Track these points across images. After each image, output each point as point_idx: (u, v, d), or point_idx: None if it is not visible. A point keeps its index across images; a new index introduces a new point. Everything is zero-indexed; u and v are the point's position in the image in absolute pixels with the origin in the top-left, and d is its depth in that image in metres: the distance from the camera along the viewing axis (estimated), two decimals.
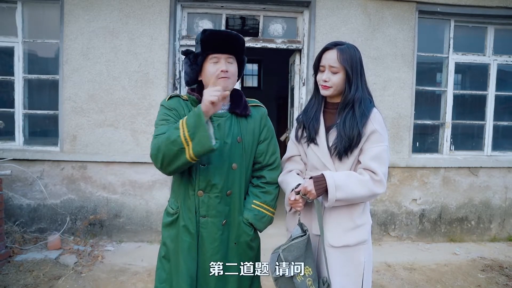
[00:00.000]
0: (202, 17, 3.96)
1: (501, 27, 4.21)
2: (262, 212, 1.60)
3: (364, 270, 1.53)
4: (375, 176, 1.45)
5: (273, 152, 1.65)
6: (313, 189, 1.43)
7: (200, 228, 1.50)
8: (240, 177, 1.56)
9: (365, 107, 1.50)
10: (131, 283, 2.88)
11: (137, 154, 3.71)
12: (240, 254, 1.57)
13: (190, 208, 1.51)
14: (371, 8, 3.85)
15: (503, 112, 4.35)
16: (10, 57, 3.79)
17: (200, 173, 1.48)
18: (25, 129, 3.86)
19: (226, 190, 1.51)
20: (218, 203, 1.50)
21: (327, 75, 1.52)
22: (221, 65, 1.47)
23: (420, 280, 3.12)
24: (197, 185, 1.49)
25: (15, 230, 3.53)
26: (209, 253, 1.50)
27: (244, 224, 1.57)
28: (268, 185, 1.63)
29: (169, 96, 1.59)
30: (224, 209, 1.52)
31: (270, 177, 1.63)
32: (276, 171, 1.65)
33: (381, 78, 3.89)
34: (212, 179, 1.48)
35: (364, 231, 1.54)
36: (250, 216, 1.57)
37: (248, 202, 1.59)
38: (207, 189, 1.49)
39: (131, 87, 3.70)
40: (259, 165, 1.64)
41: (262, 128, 1.62)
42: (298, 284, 1.42)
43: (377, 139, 1.48)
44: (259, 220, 1.59)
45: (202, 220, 1.50)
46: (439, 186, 4.03)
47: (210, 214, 1.50)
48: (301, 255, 1.44)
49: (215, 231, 1.50)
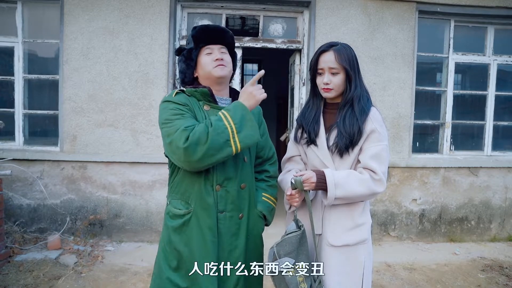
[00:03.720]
0: (202, 17, 3.96)
1: (501, 27, 4.21)
2: (271, 204, 1.65)
3: (364, 269, 1.52)
4: (375, 175, 1.45)
5: (270, 146, 1.70)
6: (314, 177, 1.43)
7: (219, 224, 1.46)
8: (251, 170, 1.59)
9: (364, 104, 1.51)
10: (131, 283, 2.88)
11: (137, 154, 3.71)
12: (252, 249, 1.56)
13: (209, 204, 1.45)
14: (371, 8, 3.85)
15: (503, 112, 4.35)
16: (10, 57, 3.79)
17: (217, 167, 1.45)
18: (25, 129, 3.86)
19: (241, 183, 1.51)
20: (236, 197, 1.49)
21: (328, 77, 1.51)
22: (215, 54, 1.50)
23: (420, 280, 3.12)
24: (215, 180, 1.46)
25: (15, 230, 3.53)
26: (227, 250, 1.48)
27: (258, 216, 1.59)
28: (271, 179, 1.68)
29: (174, 92, 1.53)
30: (241, 202, 1.52)
31: (273, 170, 1.70)
32: (275, 165, 1.72)
33: (381, 78, 3.89)
34: (228, 173, 1.47)
35: (364, 230, 1.53)
36: (264, 208, 1.60)
37: (258, 195, 1.62)
38: (224, 183, 1.47)
39: (131, 87, 3.70)
40: (260, 160, 1.67)
41: (260, 124, 1.63)
42: (289, 279, 1.41)
43: (376, 138, 1.48)
44: (270, 212, 1.64)
45: (220, 215, 1.47)
46: (439, 186, 4.03)
47: (228, 209, 1.48)
48: (293, 250, 1.43)
49: (232, 226, 1.49)
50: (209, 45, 1.51)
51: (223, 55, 1.51)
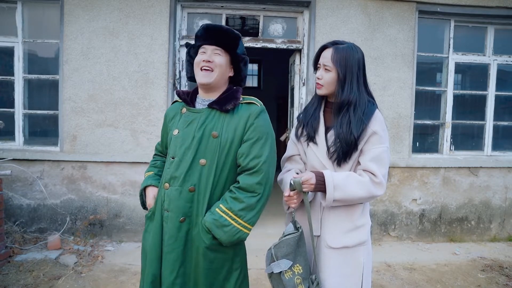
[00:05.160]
0: (202, 17, 3.96)
1: (501, 27, 4.21)
2: (225, 219, 1.41)
3: (364, 270, 1.52)
4: (375, 178, 1.43)
5: (256, 155, 1.45)
6: (313, 178, 1.41)
7: (163, 222, 1.48)
8: (209, 174, 1.44)
9: (363, 112, 1.46)
10: (131, 283, 2.88)
11: (137, 154, 3.71)
12: (195, 260, 1.46)
13: (158, 201, 1.52)
14: (371, 8, 3.85)
15: (503, 112, 4.35)
16: (10, 57, 3.79)
17: (168, 166, 1.51)
18: (25, 129, 3.86)
19: (189, 185, 1.44)
20: (178, 197, 1.44)
21: (321, 73, 1.52)
22: (206, 55, 1.49)
23: (420, 280, 3.12)
24: (164, 177, 1.51)
25: (15, 230, 3.53)
26: (166, 249, 1.46)
27: (203, 227, 1.43)
28: (239, 191, 1.44)
29: (174, 100, 1.71)
30: (184, 205, 1.44)
31: (244, 182, 1.44)
32: (255, 177, 1.44)
33: (381, 78, 3.89)
34: (175, 172, 1.47)
35: (363, 232, 1.52)
36: (209, 220, 1.41)
37: (215, 205, 1.45)
38: (171, 182, 1.47)
39: (131, 87, 3.70)
40: (239, 169, 1.49)
41: (247, 127, 1.46)
42: (286, 281, 1.41)
43: (377, 141, 1.46)
44: (219, 227, 1.41)
45: (165, 214, 1.48)
46: (439, 186, 4.03)
47: (170, 208, 1.46)
48: (291, 252, 1.42)
49: (171, 227, 1.45)
50: (205, 44, 1.50)
51: (215, 57, 1.48)
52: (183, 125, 1.51)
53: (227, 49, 1.51)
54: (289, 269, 1.41)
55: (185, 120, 1.52)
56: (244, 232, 1.44)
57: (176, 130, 1.52)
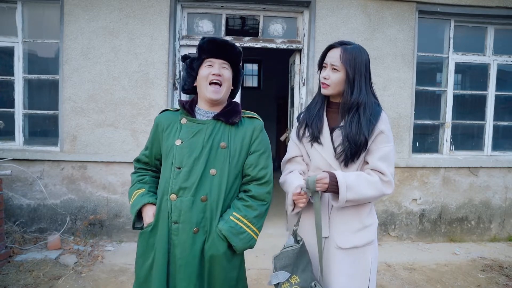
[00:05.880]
0: (202, 17, 3.96)
1: (501, 27, 4.21)
2: (240, 227, 1.45)
3: (371, 270, 1.52)
4: (384, 177, 1.44)
5: (263, 166, 1.53)
6: (327, 178, 1.40)
7: (172, 235, 1.44)
8: (221, 184, 1.47)
9: (371, 113, 1.46)
10: (131, 283, 2.88)
11: (137, 154, 3.70)
12: (212, 271, 1.46)
13: (161, 214, 1.47)
14: (371, 8, 3.85)
15: (503, 112, 4.35)
16: (10, 57, 3.79)
17: (174, 176, 1.46)
18: (25, 129, 3.86)
19: (201, 194, 1.44)
20: (190, 208, 1.43)
21: (328, 72, 1.50)
22: (214, 68, 1.49)
23: (420, 280, 3.12)
24: (171, 189, 1.46)
25: (15, 230, 3.53)
26: (180, 262, 1.43)
27: (218, 236, 1.44)
28: (252, 200, 1.50)
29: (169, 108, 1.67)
30: (198, 215, 1.43)
31: (256, 191, 1.51)
32: (265, 187, 1.53)
33: (381, 78, 3.89)
34: (184, 182, 1.44)
35: (372, 231, 1.53)
36: (225, 228, 1.43)
37: (227, 213, 1.47)
38: (179, 193, 1.44)
39: (131, 87, 3.70)
40: (247, 178, 1.54)
41: (253, 140, 1.54)
42: None
43: (384, 140, 1.46)
44: (236, 235, 1.44)
45: (173, 226, 1.44)
46: (439, 186, 4.03)
47: (181, 220, 1.43)
48: (290, 264, 1.43)
49: (185, 239, 1.42)
50: (212, 58, 1.50)
51: (223, 71, 1.50)
52: (187, 135, 1.49)
53: (231, 64, 1.55)
54: (287, 280, 1.43)
55: (189, 130, 1.50)
56: (255, 239, 1.51)
57: (179, 140, 1.49)
